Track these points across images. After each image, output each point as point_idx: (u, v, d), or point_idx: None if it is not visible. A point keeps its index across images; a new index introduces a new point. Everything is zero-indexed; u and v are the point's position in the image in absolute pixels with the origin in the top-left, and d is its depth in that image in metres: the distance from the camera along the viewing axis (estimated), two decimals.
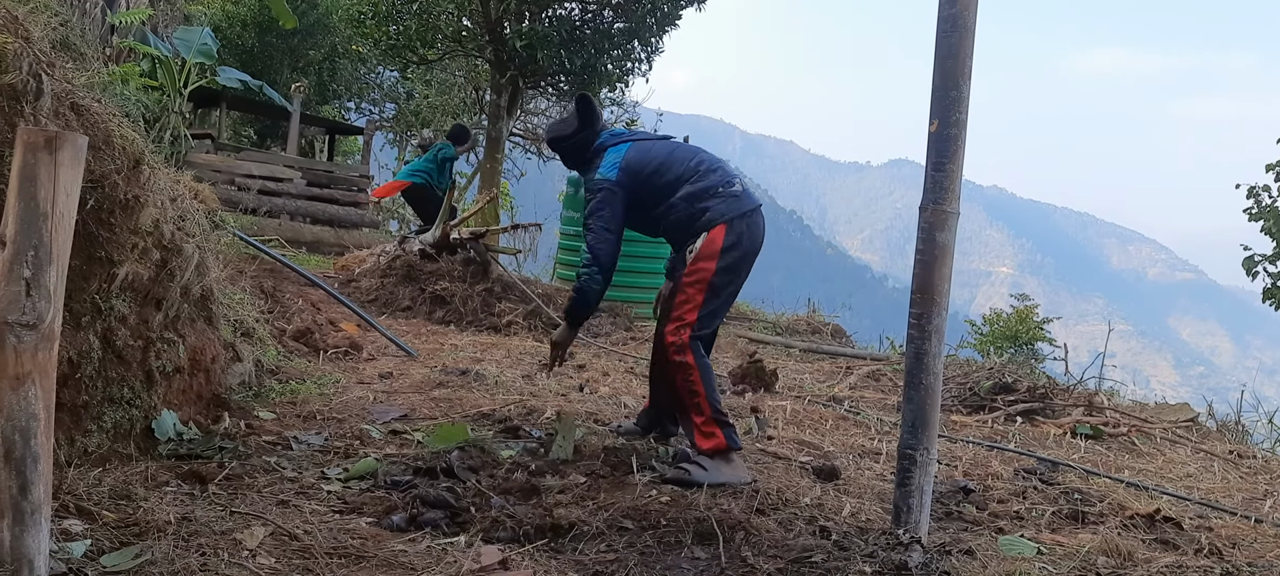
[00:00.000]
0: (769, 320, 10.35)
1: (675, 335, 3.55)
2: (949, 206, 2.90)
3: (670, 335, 3.55)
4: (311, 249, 12.14)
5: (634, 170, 3.71)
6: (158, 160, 3.48)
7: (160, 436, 3.31)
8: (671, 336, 3.55)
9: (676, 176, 3.71)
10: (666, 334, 3.56)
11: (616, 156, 3.75)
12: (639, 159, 3.74)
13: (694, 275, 3.58)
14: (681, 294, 3.60)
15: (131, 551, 2.35)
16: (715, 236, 3.60)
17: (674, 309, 3.60)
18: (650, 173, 3.72)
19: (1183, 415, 6.08)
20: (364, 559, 2.48)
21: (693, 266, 3.60)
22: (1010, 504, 3.64)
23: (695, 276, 3.58)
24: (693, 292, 3.58)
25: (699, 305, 3.58)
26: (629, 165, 3.71)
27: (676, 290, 3.63)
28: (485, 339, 7.18)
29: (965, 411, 5.83)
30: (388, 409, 4.31)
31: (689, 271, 3.60)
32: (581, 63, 12.79)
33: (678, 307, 3.59)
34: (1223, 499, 4.04)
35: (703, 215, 3.63)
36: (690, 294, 3.58)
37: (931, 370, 2.91)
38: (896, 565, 2.62)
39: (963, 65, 2.85)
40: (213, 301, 3.88)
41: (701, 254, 3.59)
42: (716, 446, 3.49)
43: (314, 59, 20.60)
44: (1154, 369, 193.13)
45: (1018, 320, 22.79)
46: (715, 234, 3.60)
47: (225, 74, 14.02)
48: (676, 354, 3.53)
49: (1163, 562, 2.94)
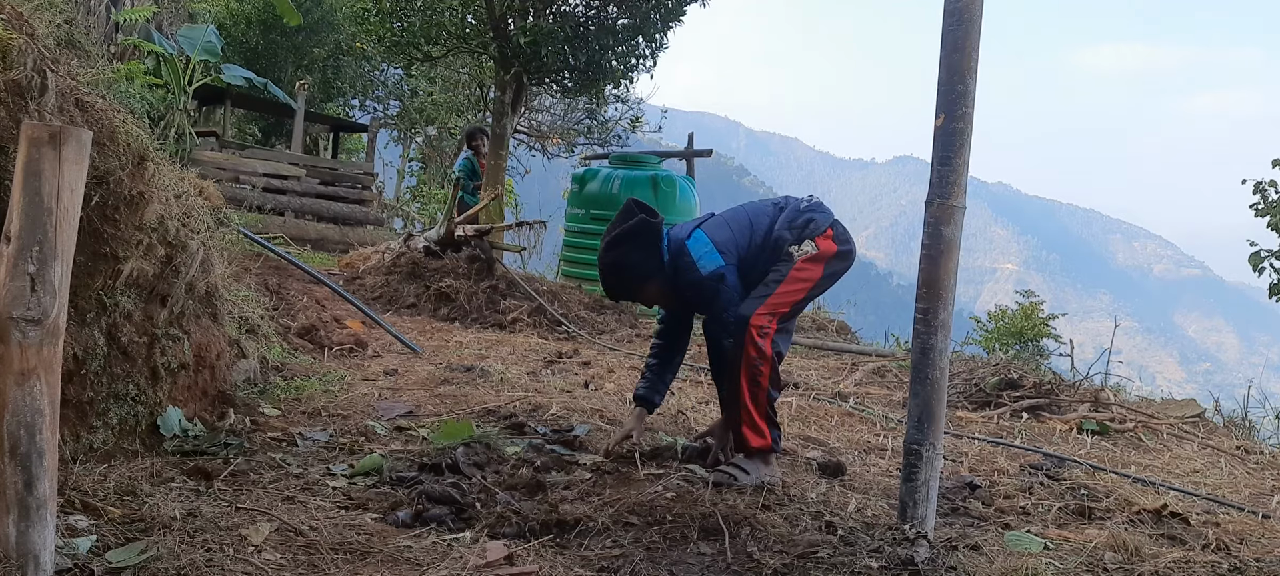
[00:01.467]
0: None
1: (765, 321, 3.46)
2: (955, 201, 2.89)
3: (759, 319, 3.46)
4: (316, 246, 12.16)
5: (731, 246, 3.58)
6: (162, 157, 3.48)
7: (165, 432, 3.31)
8: (761, 320, 3.46)
9: (769, 221, 3.65)
10: (755, 317, 3.46)
11: (703, 246, 3.57)
12: (727, 235, 3.60)
13: (804, 273, 3.54)
14: (786, 284, 3.51)
15: (137, 547, 2.35)
16: (827, 239, 3.59)
17: (771, 294, 3.49)
18: (745, 239, 3.61)
19: (1189, 411, 6.06)
20: (369, 554, 2.48)
21: (805, 263, 3.54)
22: (1016, 499, 3.63)
23: (805, 274, 3.54)
24: (796, 287, 3.53)
25: (795, 303, 3.56)
26: (723, 243, 3.57)
27: (779, 280, 3.52)
28: (490, 336, 7.18)
29: (971, 408, 5.81)
30: (393, 405, 4.31)
31: (799, 267, 3.53)
32: (586, 59, 12.76)
33: (776, 295, 3.49)
34: (1230, 494, 4.02)
35: (808, 225, 3.60)
36: (794, 288, 3.52)
37: (937, 365, 2.90)
38: (902, 560, 2.61)
39: (969, 59, 2.84)
40: (218, 298, 3.88)
41: (814, 256, 3.55)
42: (763, 445, 3.47)
43: (318, 56, 20.63)
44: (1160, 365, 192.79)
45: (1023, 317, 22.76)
46: (826, 237, 3.59)
47: (230, 72, 14.03)
48: (760, 337, 3.44)
49: (1170, 558, 2.93)
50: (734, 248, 3.58)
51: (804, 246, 3.56)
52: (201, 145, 13.16)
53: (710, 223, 3.69)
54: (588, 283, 9.56)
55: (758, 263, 3.61)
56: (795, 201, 3.73)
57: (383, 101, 24.70)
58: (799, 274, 3.54)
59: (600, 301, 8.95)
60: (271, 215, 12.46)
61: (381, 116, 24.12)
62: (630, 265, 3.60)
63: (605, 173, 10.60)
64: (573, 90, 16.56)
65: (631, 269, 3.61)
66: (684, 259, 3.56)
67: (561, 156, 23.97)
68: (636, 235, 3.56)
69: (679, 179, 10.52)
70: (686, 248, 3.56)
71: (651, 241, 3.58)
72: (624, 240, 3.58)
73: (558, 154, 23.91)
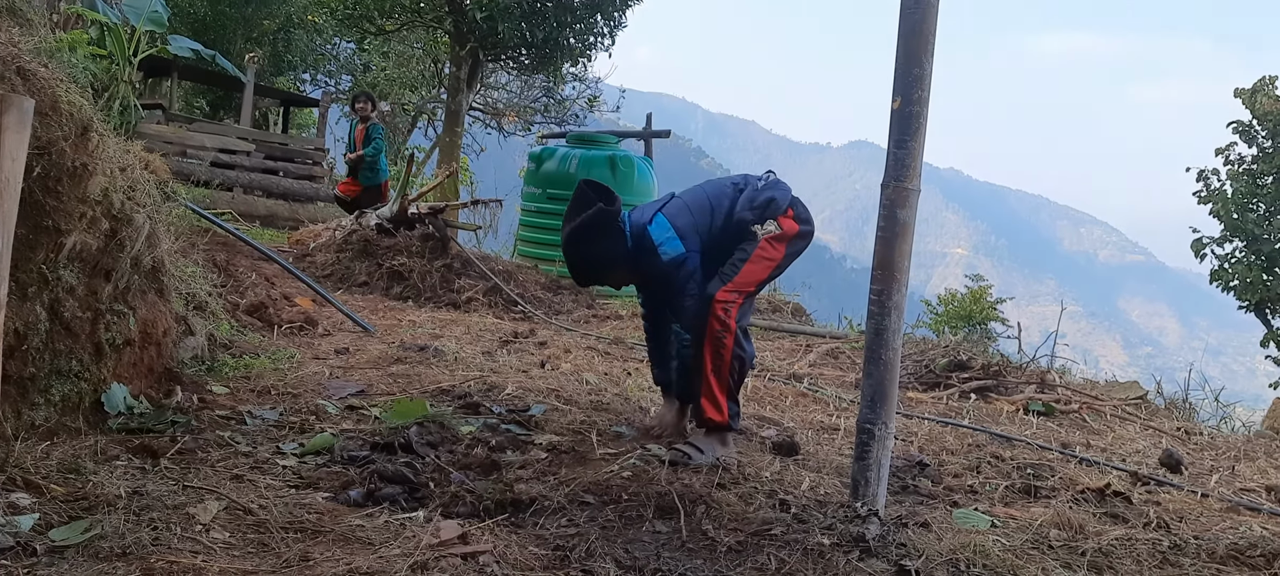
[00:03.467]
0: None
1: (729, 297, 3.51)
2: (910, 184, 2.91)
3: (724, 294, 3.50)
4: (266, 222, 11.97)
5: (692, 230, 3.59)
6: (107, 129, 3.39)
7: (110, 410, 3.24)
8: (725, 296, 3.50)
9: (730, 203, 3.66)
10: (720, 293, 3.50)
11: (664, 231, 3.57)
12: (688, 220, 3.61)
13: (767, 252, 3.58)
14: (751, 263, 3.56)
15: (81, 525, 2.30)
16: (788, 219, 3.62)
17: (737, 274, 3.54)
18: (705, 221, 3.62)
19: (1132, 393, 6.21)
20: (320, 533, 2.45)
21: (768, 242, 3.58)
22: (965, 478, 3.69)
23: (768, 254, 3.58)
24: (761, 266, 3.57)
25: (759, 281, 3.60)
26: (684, 228, 3.57)
27: (744, 259, 3.56)
28: (444, 315, 7.12)
29: (921, 388, 5.90)
30: (344, 384, 4.26)
31: (763, 247, 3.57)
32: (543, 36, 12.69)
33: (742, 274, 3.54)
34: (1170, 473, 4.12)
35: (768, 205, 3.62)
36: (758, 267, 3.57)
37: (891, 345, 2.93)
38: (854, 537, 2.64)
39: (925, 43, 2.86)
40: (164, 273, 3.80)
41: (778, 235, 3.58)
42: (720, 421, 3.49)
43: (268, 28, 20.21)
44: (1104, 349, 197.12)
45: (972, 300, 23.13)
46: (787, 217, 3.62)
47: (176, 43, 13.71)
48: (724, 314, 3.48)
49: (1113, 535, 3.00)
50: (695, 232, 3.59)
51: (768, 226, 3.59)
52: (147, 118, 12.84)
53: (671, 206, 3.69)
54: (544, 262, 9.52)
55: (721, 244, 3.63)
56: (754, 180, 3.75)
57: (334, 76, 24.33)
58: (763, 253, 3.58)
59: (557, 281, 8.93)
60: (220, 190, 12.22)
61: (333, 91, 23.74)
62: (596, 256, 3.58)
63: (562, 152, 10.55)
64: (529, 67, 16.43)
65: (597, 258, 3.59)
66: (646, 243, 3.57)
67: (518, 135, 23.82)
68: (597, 225, 3.54)
69: (637, 159, 10.51)
70: (649, 233, 3.57)
71: (613, 228, 3.55)
72: (586, 232, 3.54)
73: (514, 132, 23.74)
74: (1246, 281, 20.10)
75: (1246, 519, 3.41)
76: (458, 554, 2.35)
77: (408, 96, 24.31)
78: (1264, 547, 2.95)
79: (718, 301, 3.49)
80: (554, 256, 9.58)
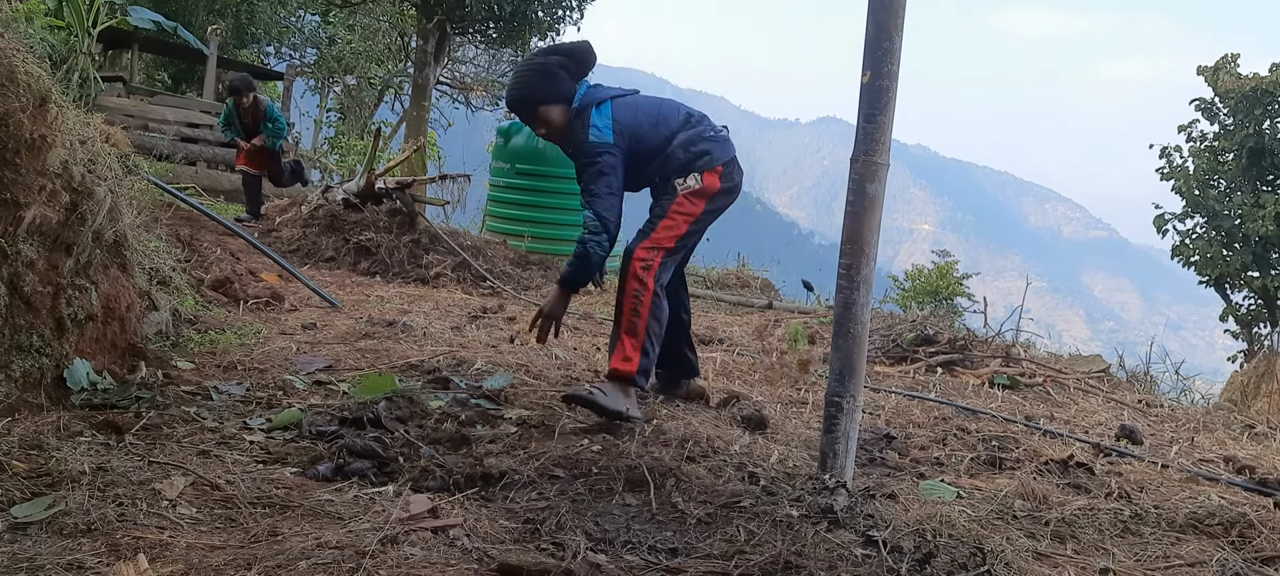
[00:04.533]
0: (700, 273, 10.41)
1: (647, 254, 3.56)
2: (879, 158, 2.93)
3: (642, 252, 3.55)
4: (231, 198, 11.80)
5: (629, 130, 3.61)
6: (66, 101, 3.33)
7: (73, 385, 3.20)
8: (643, 254, 3.55)
9: (672, 129, 3.69)
10: (639, 250, 3.55)
11: (605, 117, 3.61)
12: (630, 117, 3.65)
13: (684, 208, 3.62)
14: (667, 220, 3.60)
15: (44, 501, 2.27)
16: (714, 176, 3.66)
17: (654, 230, 3.60)
18: (646, 130, 3.65)
19: (1095, 366, 6.30)
20: (289, 508, 2.44)
21: (686, 198, 3.62)
22: (931, 450, 3.74)
23: (685, 209, 3.62)
24: (678, 222, 3.61)
25: (679, 236, 3.63)
26: (623, 126, 3.61)
27: (661, 215, 3.62)
28: (412, 290, 7.08)
29: (888, 362, 5.95)
30: (312, 360, 4.23)
31: (680, 203, 3.62)
32: (510, 8, 12.58)
33: (658, 230, 3.59)
34: (1131, 445, 4.20)
35: (701, 157, 3.66)
36: (675, 222, 3.61)
37: (859, 319, 2.95)
38: (822, 508, 2.67)
39: (895, 16, 2.86)
40: (127, 248, 3.74)
41: (697, 190, 3.63)
42: (628, 371, 3.51)
43: (231, 0, 19.87)
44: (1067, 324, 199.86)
45: (939, 276, 23.34)
46: (714, 174, 3.66)
47: (137, 14, 13.43)
48: (643, 270, 3.53)
49: (1076, 505, 3.05)
50: (630, 134, 3.62)
51: (688, 180, 3.62)
52: (107, 91, 12.61)
53: (625, 100, 3.73)
54: (513, 238, 9.48)
55: (645, 166, 3.68)
56: (706, 125, 3.77)
57: (299, 49, 24.00)
58: (680, 208, 3.61)
59: (526, 257, 8.89)
60: (183, 165, 12.04)
61: (298, 64, 23.43)
62: (542, 90, 3.65)
63: None
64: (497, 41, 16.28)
65: (541, 92, 3.65)
66: (584, 116, 3.62)
67: (485, 109, 23.64)
68: (555, 69, 3.64)
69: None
70: (591, 110, 3.61)
71: (565, 82, 3.64)
72: (545, 68, 3.64)
73: (482, 106, 23.55)
74: (1207, 257, 20.48)
75: (1205, 488, 3.48)
76: (428, 527, 2.35)
77: (374, 70, 24.05)
78: (1222, 516, 3.01)
79: (637, 259, 3.54)
80: (522, 232, 9.54)
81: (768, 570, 2.28)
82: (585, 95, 3.67)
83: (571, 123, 3.66)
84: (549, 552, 2.32)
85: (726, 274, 10.48)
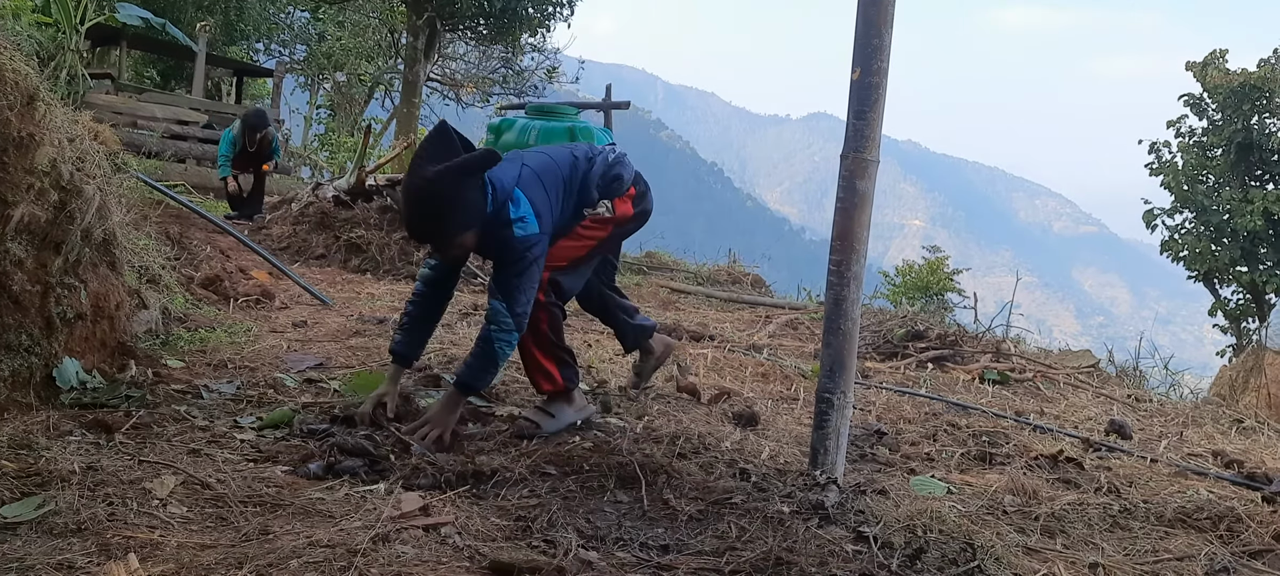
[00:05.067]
0: (690, 270, 10.42)
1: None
2: (869, 155, 2.93)
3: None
4: (220, 195, 11.75)
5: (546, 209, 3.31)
6: (54, 98, 3.31)
7: (62, 384, 3.18)
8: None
9: (578, 177, 3.48)
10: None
11: (522, 206, 3.22)
12: (542, 195, 3.31)
13: (591, 230, 3.49)
14: (568, 239, 3.45)
15: (34, 501, 2.26)
16: (626, 202, 3.57)
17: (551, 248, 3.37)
18: (558, 198, 3.41)
19: (1085, 362, 6.33)
20: (280, 507, 2.43)
21: (593, 222, 3.49)
22: (921, 446, 3.75)
23: (591, 232, 3.49)
24: (579, 245, 3.48)
25: (572, 258, 3.46)
26: (540, 206, 3.28)
27: (562, 235, 3.43)
28: (403, 288, 7.07)
29: (879, 358, 5.97)
30: (303, 358, 4.22)
31: (587, 225, 3.48)
32: (501, 5, 12.55)
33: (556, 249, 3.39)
34: (1121, 440, 4.22)
35: (614, 182, 3.54)
36: (577, 245, 3.47)
37: (850, 316, 2.96)
38: (813, 504, 2.68)
39: (885, 13, 2.87)
40: (116, 246, 3.73)
41: (606, 218, 3.50)
42: (560, 388, 3.43)
43: None
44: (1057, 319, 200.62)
45: (929, 271, 23.36)
46: (627, 199, 3.57)
47: (125, 11, 13.34)
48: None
49: (1065, 500, 3.06)
50: (548, 212, 3.33)
51: (598, 208, 3.49)
52: (96, 88, 12.55)
53: (525, 177, 3.31)
54: None
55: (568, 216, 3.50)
56: (603, 154, 3.59)
57: (289, 45, 23.92)
58: (584, 231, 3.49)
59: None
60: (172, 162, 11.99)
61: (287, 61, 23.34)
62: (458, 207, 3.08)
63: (521, 123, 10.37)
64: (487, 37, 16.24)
65: (457, 211, 3.08)
66: (504, 214, 3.19)
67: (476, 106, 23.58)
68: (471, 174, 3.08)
69: (597, 131, 10.42)
70: (508, 205, 3.20)
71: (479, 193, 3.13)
72: (457, 178, 3.05)
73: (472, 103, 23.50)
74: (1196, 252, 20.58)
75: (1194, 483, 3.50)
76: (419, 525, 2.35)
77: (364, 67, 23.96)
78: (1210, 510, 3.03)
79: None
80: None
81: (759, 566, 2.29)
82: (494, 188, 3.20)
83: (489, 224, 3.18)
84: (541, 550, 2.32)
85: (717, 270, 10.49)
